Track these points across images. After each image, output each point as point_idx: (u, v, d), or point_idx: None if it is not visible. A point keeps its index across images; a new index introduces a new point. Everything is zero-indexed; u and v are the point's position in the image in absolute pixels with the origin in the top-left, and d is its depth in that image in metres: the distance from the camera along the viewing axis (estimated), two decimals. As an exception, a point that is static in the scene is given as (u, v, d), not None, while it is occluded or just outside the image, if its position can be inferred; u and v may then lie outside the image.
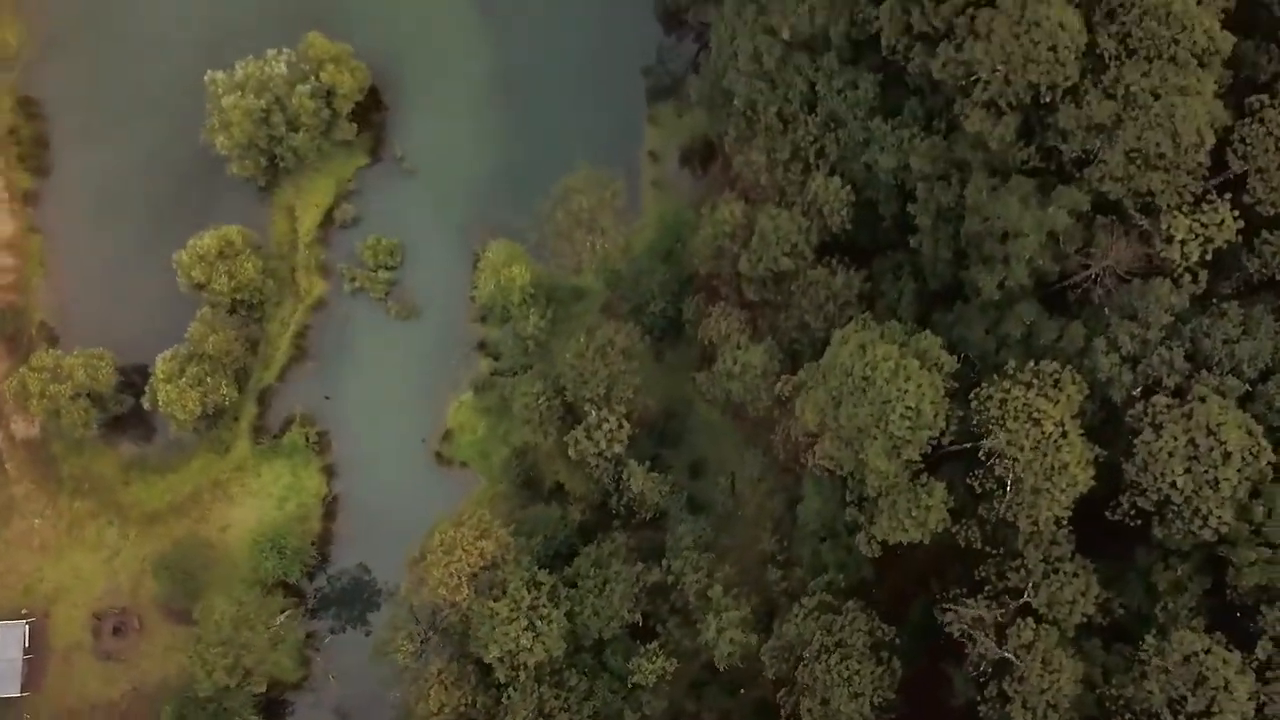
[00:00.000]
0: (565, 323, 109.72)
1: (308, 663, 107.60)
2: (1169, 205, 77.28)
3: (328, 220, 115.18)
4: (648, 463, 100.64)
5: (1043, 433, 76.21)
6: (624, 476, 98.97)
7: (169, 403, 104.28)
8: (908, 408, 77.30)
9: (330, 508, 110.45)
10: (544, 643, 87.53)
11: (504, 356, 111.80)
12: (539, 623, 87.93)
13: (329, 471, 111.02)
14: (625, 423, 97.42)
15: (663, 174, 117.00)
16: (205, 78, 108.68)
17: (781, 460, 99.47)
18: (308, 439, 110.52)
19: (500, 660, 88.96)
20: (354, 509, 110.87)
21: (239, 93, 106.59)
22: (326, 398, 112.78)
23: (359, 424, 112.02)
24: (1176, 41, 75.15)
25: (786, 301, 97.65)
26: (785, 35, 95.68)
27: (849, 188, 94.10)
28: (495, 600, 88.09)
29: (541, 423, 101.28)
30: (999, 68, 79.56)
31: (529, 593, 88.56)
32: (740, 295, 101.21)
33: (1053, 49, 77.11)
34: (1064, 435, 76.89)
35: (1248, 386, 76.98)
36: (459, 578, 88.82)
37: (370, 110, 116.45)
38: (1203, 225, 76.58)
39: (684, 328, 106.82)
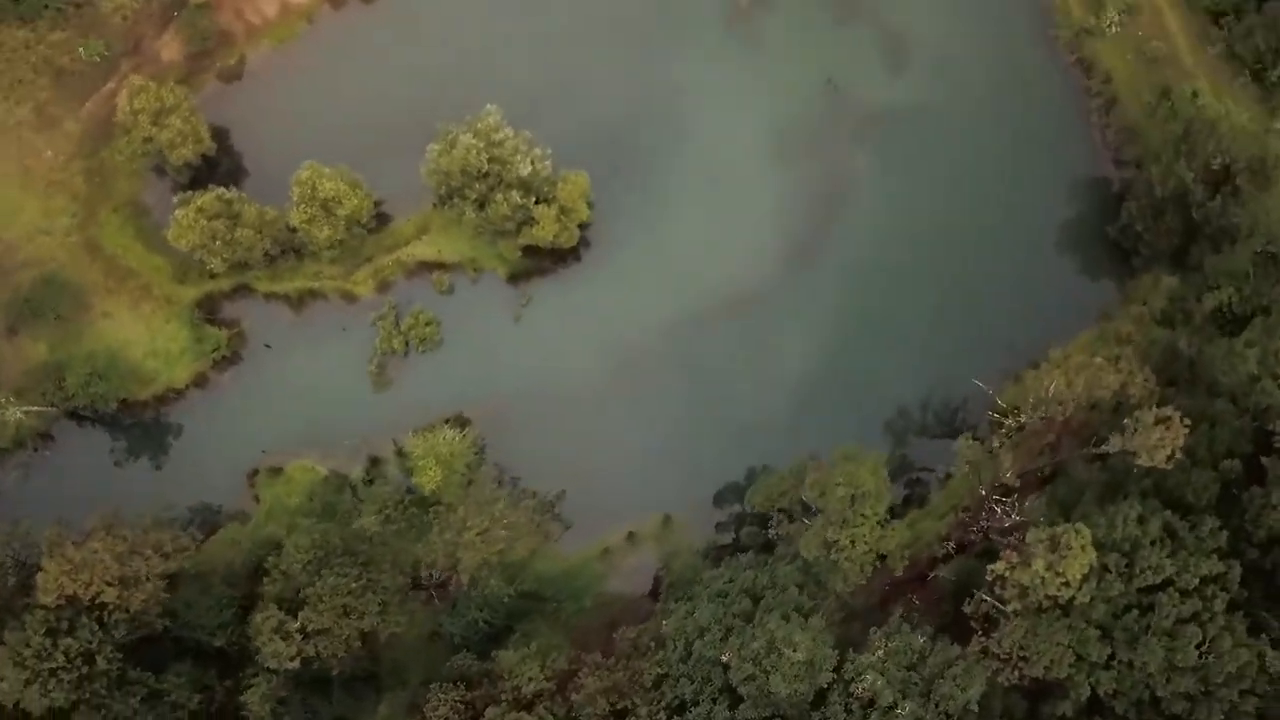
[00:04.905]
0: (410, 532, 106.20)
1: (20, 448, 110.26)
2: None
3: (430, 267, 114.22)
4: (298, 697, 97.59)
5: None
6: (253, 679, 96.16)
7: (179, 221, 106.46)
8: None
9: (163, 400, 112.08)
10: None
11: (370, 486, 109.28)
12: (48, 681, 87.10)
13: (197, 382, 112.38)
14: (300, 657, 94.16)
15: (626, 558, 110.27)
16: (490, 105, 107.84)
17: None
18: (219, 347, 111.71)
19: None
20: (172, 424, 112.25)
21: (484, 144, 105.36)
22: (267, 345, 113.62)
23: (253, 387, 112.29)
24: None
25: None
26: (725, 658, 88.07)
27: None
28: (44, 632, 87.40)
29: (283, 573, 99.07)
30: None
31: (66, 658, 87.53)
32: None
33: None
34: None
35: None
36: (59, 590, 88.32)
37: (554, 254, 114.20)
38: None
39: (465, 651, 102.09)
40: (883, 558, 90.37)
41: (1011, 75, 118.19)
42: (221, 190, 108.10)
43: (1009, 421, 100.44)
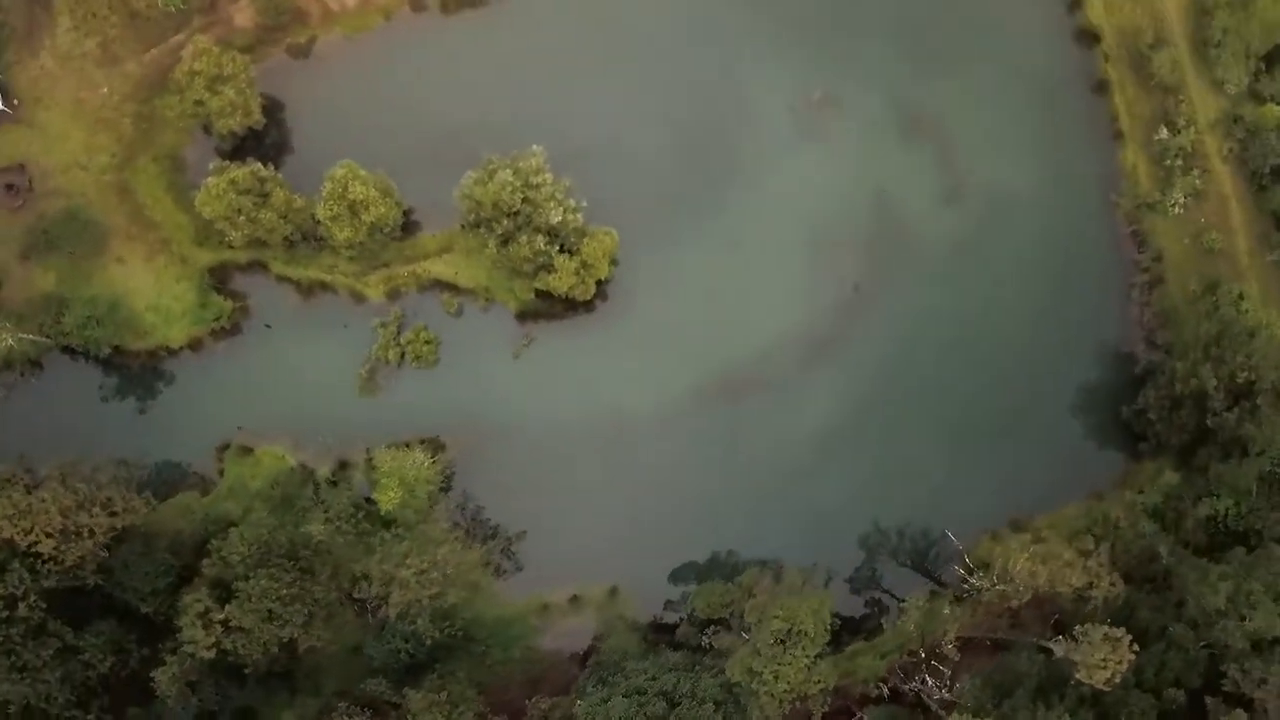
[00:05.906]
0: (358, 546, 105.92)
1: (8, 369, 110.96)
2: None
3: (442, 285, 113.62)
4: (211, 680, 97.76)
5: None
6: (172, 655, 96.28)
7: (208, 189, 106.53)
8: None
9: (155, 356, 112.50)
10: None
11: (334, 489, 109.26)
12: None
13: (191, 345, 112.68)
14: (218, 648, 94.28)
15: (565, 618, 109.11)
16: (536, 146, 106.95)
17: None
18: (220, 317, 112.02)
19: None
20: (161, 377, 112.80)
21: (522, 183, 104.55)
22: (267, 325, 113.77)
23: (244, 363, 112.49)
24: None
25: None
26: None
27: None
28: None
29: (223, 559, 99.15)
30: None
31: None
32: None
33: None
34: None
35: None
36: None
37: (567, 301, 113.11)
38: None
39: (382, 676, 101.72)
40: (805, 698, 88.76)
41: (1063, 229, 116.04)
42: (258, 166, 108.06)
43: (972, 580, 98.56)
